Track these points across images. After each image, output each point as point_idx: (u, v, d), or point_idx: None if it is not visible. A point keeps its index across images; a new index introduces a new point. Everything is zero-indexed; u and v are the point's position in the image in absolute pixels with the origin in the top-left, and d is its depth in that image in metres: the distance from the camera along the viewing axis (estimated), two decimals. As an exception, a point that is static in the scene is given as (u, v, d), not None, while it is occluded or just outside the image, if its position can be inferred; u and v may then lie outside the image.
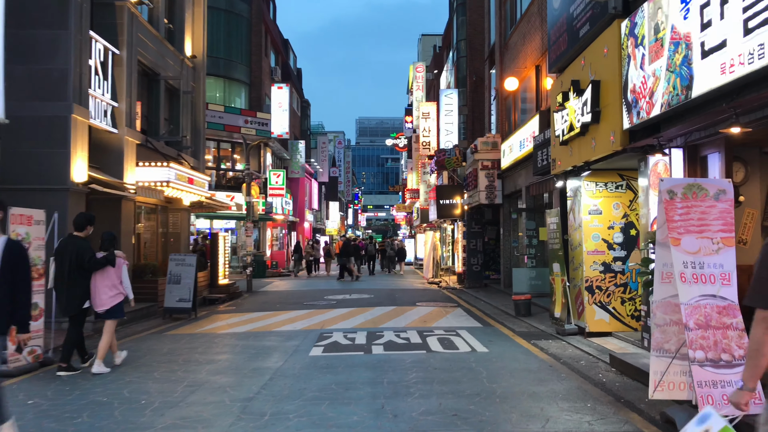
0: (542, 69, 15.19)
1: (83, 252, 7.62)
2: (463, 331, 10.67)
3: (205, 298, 16.85)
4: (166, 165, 14.41)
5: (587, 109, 8.60)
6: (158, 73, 16.10)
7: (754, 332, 2.61)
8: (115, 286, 7.84)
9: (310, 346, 9.39)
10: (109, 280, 7.80)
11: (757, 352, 2.60)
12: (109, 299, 7.77)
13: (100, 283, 7.76)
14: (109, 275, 7.80)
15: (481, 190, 18.97)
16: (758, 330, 2.60)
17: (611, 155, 8.34)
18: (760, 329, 2.58)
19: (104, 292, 7.75)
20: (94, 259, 7.68)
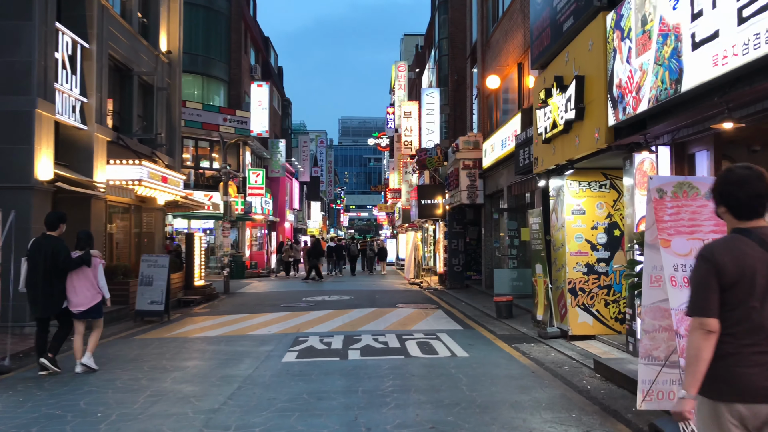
0: (524, 67, 14.94)
1: (58, 251, 7.45)
2: (444, 335, 10.35)
3: (180, 299, 16.40)
4: (138, 163, 13.94)
5: (571, 106, 8.31)
6: (131, 69, 15.62)
7: (692, 339, 2.67)
8: (93, 286, 7.69)
9: (283, 351, 9.01)
10: (87, 279, 7.65)
11: (695, 358, 2.64)
12: (89, 299, 7.64)
13: (78, 283, 7.60)
14: (86, 275, 7.65)
15: (462, 189, 18.69)
16: (695, 336, 2.65)
17: (596, 153, 8.06)
18: (698, 336, 2.64)
19: (83, 292, 7.61)
20: (69, 259, 7.51)
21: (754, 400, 2.56)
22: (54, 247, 7.49)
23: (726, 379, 2.59)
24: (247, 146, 30.56)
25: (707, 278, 2.65)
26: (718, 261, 2.63)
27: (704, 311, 2.64)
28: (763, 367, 2.57)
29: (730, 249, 2.65)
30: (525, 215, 15.69)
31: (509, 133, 14.70)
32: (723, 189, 2.77)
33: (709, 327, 2.61)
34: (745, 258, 2.62)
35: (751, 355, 2.59)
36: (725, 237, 2.79)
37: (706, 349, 2.61)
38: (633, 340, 7.67)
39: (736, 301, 2.62)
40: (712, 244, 2.77)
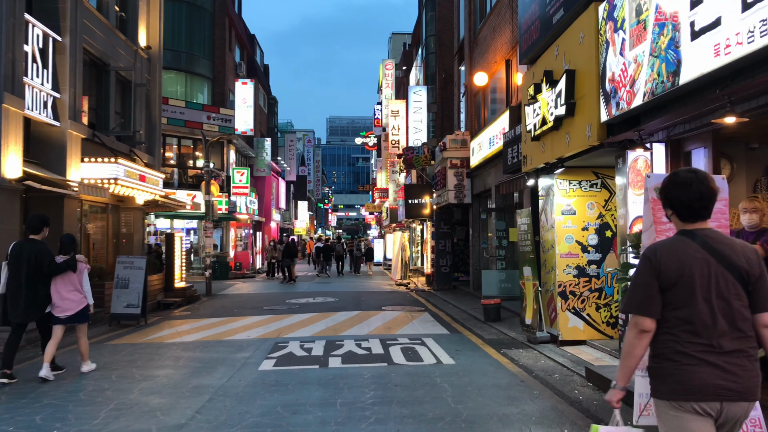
0: (513, 63, 14.60)
1: (42, 256, 7.32)
2: (429, 340, 9.97)
3: (160, 302, 15.95)
4: (113, 161, 13.46)
5: (561, 101, 7.96)
6: (108, 64, 15.12)
7: (628, 336, 2.76)
8: (78, 291, 7.60)
9: (261, 358, 8.60)
10: (72, 284, 7.55)
11: (629, 354, 2.75)
12: (75, 304, 7.54)
13: (63, 288, 7.49)
14: (71, 280, 7.55)
15: (449, 189, 18.33)
16: (631, 334, 2.74)
17: (587, 151, 7.71)
18: (632, 333, 2.73)
19: (69, 297, 7.51)
20: (55, 264, 7.40)
21: (707, 398, 2.61)
22: (38, 252, 7.32)
23: (679, 379, 2.64)
24: (232, 145, 30.04)
25: (648, 278, 2.73)
26: (659, 261, 2.71)
27: (640, 310, 2.72)
28: (712, 366, 2.62)
29: (672, 250, 2.72)
30: (513, 215, 15.35)
31: (497, 131, 14.35)
32: (669, 192, 2.84)
33: (644, 326, 2.69)
34: (686, 259, 2.69)
35: (700, 353, 2.63)
36: (670, 238, 2.86)
37: (638, 346, 2.71)
38: (626, 346, 7.32)
39: (679, 302, 2.68)
40: (655, 245, 2.82)
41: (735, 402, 2.62)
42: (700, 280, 2.67)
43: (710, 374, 2.60)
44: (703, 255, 2.69)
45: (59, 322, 7.52)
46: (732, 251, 2.73)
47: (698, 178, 2.79)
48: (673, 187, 2.83)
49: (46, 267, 7.32)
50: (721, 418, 2.64)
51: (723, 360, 2.62)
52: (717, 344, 2.63)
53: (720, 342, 2.63)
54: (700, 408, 2.63)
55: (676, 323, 2.68)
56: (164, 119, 26.09)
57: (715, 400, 2.60)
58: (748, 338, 2.67)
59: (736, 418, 2.67)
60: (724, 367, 2.61)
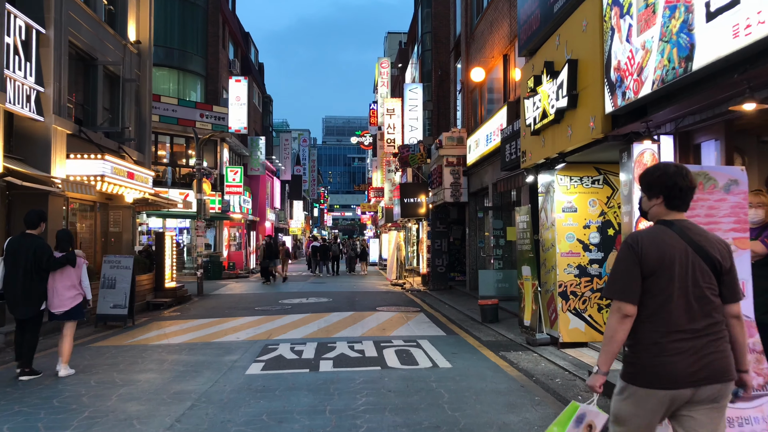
0: (510, 58, 14.27)
1: (41, 251, 7.32)
2: (425, 342, 9.61)
3: (149, 302, 15.57)
4: (100, 157, 13.06)
5: (563, 93, 7.60)
6: (95, 58, 14.72)
7: (610, 321, 2.82)
8: (74, 287, 7.54)
9: (249, 361, 8.23)
10: (69, 280, 7.50)
11: (611, 339, 2.81)
12: (69, 300, 7.47)
13: (59, 284, 7.45)
14: (69, 275, 7.50)
15: (446, 187, 17.98)
16: (614, 319, 2.80)
17: (590, 144, 7.36)
18: (615, 318, 2.79)
19: (63, 293, 7.44)
20: (54, 259, 7.38)
21: (677, 386, 2.71)
22: (36, 247, 7.32)
23: (652, 367, 2.72)
24: (225, 143, 29.63)
25: (630, 265, 2.80)
26: (641, 249, 2.78)
27: (623, 295, 2.79)
28: (685, 354, 2.71)
29: (653, 239, 2.81)
30: (511, 214, 15.02)
31: (494, 127, 14.01)
32: (667, 181, 2.89)
33: (626, 311, 2.76)
34: (667, 248, 2.78)
35: (673, 342, 2.72)
36: (651, 228, 2.93)
37: (621, 331, 2.77)
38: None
39: (657, 289, 2.76)
40: (637, 233, 2.88)
41: (705, 386, 2.73)
42: (679, 269, 2.76)
43: (684, 363, 2.70)
44: (682, 245, 2.80)
45: (55, 318, 7.50)
46: (707, 242, 2.85)
47: (684, 171, 2.92)
48: (668, 177, 2.90)
49: (45, 262, 7.26)
50: (695, 398, 2.75)
51: (696, 346, 2.73)
52: (691, 330, 2.73)
53: (693, 328, 2.74)
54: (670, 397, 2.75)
55: (654, 310, 2.77)
56: (156, 117, 25.74)
57: (689, 387, 2.71)
58: (718, 323, 2.80)
59: (711, 397, 2.76)
60: (696, 354, 2.72)
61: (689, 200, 2.93)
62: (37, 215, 7.60)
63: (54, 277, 7.44)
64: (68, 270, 7.51)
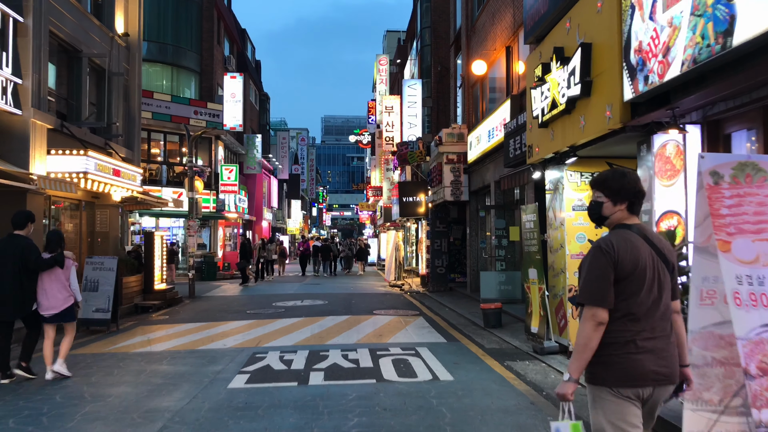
0: (513, 50, 13.63)
1: (29, 251, 7.17)
2: (424, 349, 8.97)
3: (137, 305, 14.94)
4: (83, 153, 12.39)
5: (575, 80, 6.96)
6: (80, 50, 14.06)
7: (583, 327, 2.83)
8: (66, 288, 7.40)
9: (233, 372, 7.58)
10: (59, 282, 7.36)
11: (586, 346, 2.79)
12: (61, 302, 7.33)
13: (49, 285, 7.30)
14: (58, 277, 7.35)
15: (446, 185, 17.34)
16: (588, 326, 2.80)
17: (605, 136, 6.72)
18: (590, 325, 2.80)
19: (55, 294, 7.30)
20: (41, 259, 7.23)
21: (645, 384, 2.77)
22: (24, 247, 7.18)
23: (624, 367, 2.76)
24: (220, 141, 28.97)
25: (606, 270, 2.80)
26: (618, 254, 2.80)
27: (599, 302, 2.78)
28: (652, 353, 2.78)
29: (627, 244, 2.82)
30: (514, 213, 14.38)
31: (497, 122, 13.37)
32: (634, 187, 2.95)
33: (601, 318, 2.77)
34: (639, 253, 2.83)
35: (642, 341, 2.77)
36: (619, 232, 2.93)
37: (595, 338, 2.76)
38: (651, 361, 6.34)
39: (629, 292, 2.79)
40: (609, 238, 2.89)
41: (664, 386, 2.83)
42: (649, 273, 2.82)
43: (649, 361, 2.77)
44: (648, 249, 2.86)
45: (45, 320, 7.36)
46: (663, 245, 2.93)
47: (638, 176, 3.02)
48: (631, 182, 2.96)
49: (33, 263, 7.13)
50: (650, 400, 2.83)
51: (658, 346, 2.80)
52: (654, 331, 2.80)
53: (656, 329, 2.81)
54: (635, 394, 2.80)
55: (624, 312, 2.80)
56: (149, 114, 25.12)
57: (651, 386, 2.78)
58: (672, 323, 2.90)
59: (660, 400, 2.88)
60: (658, 353, 2.79)
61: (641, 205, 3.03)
62: (25, 216, 7.46)
63: (43, 278, 7.27)
64: (57, 271, 7.34)
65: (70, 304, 7.47)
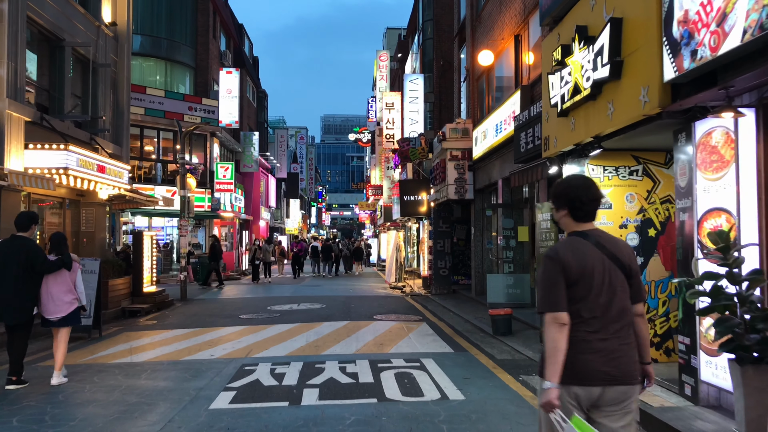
0: (523, 39, 12.83)
1: (35, 254, 6.99)
2: (430, 361, 8.17)
3: (125, 309, 14.16)
4: (63, 148, 11.60)
5: (602, 61, 6.17)
6: (62, 38, 13.26)
7: (548, 332, 2.87)
8: (71, 291, 7.23)
9: (218, 388, 6.79)
10: (65, 285, 7.19)
11: (555, 350, 2.81)
12: (67, 305, 7.16)
13: (54, 289, 7.11)
14: (64, 280, 7.18)
15: (449, 183, 16.54)
16: (553, 330, 2.85)
17: (638, 124, 5.93)
18: (554, 329, 2.84)
19: (60, 297, 7.12)
20: (49, 262, 7.06)
21: (591, 383, 2.83)
22: (29, 249, 6.98)
23: (568, 365, 2.80)
24: (216, 138, 28.15)
25: (555, 276, 2.89)
26: (564, 260, 2.89)
27: (557, 306, 2.86)
28: (600, 353, 2.85)
29: (572, 250, 2.92)
30: (523, 212, 13.58)
31: (505, 115, 12.57)
32: (570, 194, 2.99)
33: (563, 320, 2.84)
34: (586, 258, 2.91)
35: (592, 342, 2.85)
36: (568, 239, 3.02)
37: (562, 340, 2.83)
38: (693, 381, 5.55)
39: (578, 296, 2.89)
40: (556, 246, 3.00)
41: (614, 386, 2.85)
42: (598, 277, 2.89)
43: (597, 361, 2.83)
44: (599, 254, 2.93)
45: (50, 324, 7.18)
46: (618, 249, 2.99)
47: (591, 182, 3.03)
48: (573, 189, 3.00)
49: (40, 265, 6.95)
50: (600, 400, 2.86)
51: (609, 347, 2.85)
52: (605, 333, 2.86)
53: (608, 331, 2.87)
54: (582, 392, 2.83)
55: (575, 315, 2.86)
56: (142, 109, 24.32)
57: (599, 385, 2.83)
58: (629, 326, 2.94)
59: (615, 401, 2.86)
60: (609, 355, 2.84)
61: (594, 212, 3.02)
62: (28, 217, 7.27)
63: (48, 281, 7.11)
64: (63, 274, 7.18)
65: (76, 307, 7.29)
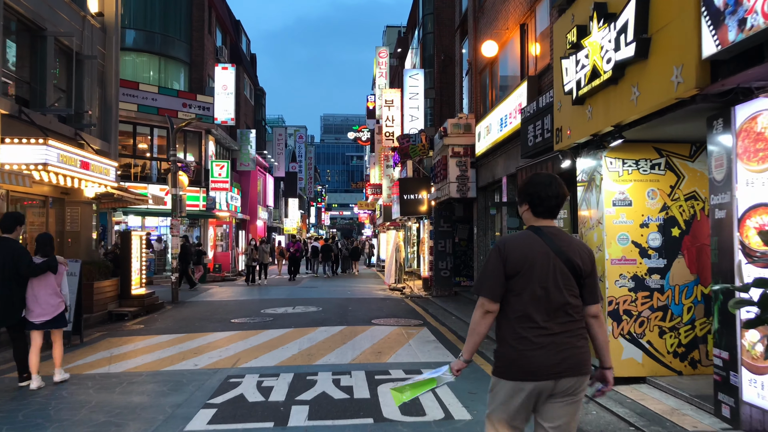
0: (529, 28, 12.16)
1: (20, 256, 6.87)
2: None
3: (111, 312, 13.50)
4: (42, 142, 10.91)
5: (627, 39, 5.49)
6: (44, 28, 12.58)
7: (474, 315, 3.01)
8: (57, 294, 7.14)
9: (198, 405, 6.12)
10: (51, 287, 7.08)
11: (474, 331, 3.02)
12: (53, 308, 7.07)
13: (40, 291, 7.01)
14: (50, 282, 7.08)
15: (451, 181, 15.87)
16: (478, 313, 2.99)
17: (667, 110, 5.25)
18: (479, 313, 2.99)
19: (47, 300, 7.02)
20: (34, 264, 6.94)
21: (540, 378, 2.89)
22: (14, 251, 6.86)
23: (517, 361, 2.91)
24: (211, 136, 27.46)
25: (496, 266, 2.99)
26: (506, 252, 2.98)
27: (488, 293, 2.98)
28: (545, 349, 2.89)
29: (519, 243, 2.99)
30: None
31: (511, 108, 11.90)
32: (530, 189, 3.08)
33: (489, 307, 2.97)
34: (529, 251, 2.96)
35: (535, 337, 2.91)
36: (520, 232, 3.10)
37: (483, 325, 2.99)
38: (732, 401, 4.88)
39: (519, 288, 2.95)
40: (505, 238, 3.06)
41: (565, 378, 2.90)
42: (539, 271, 2.94)
43: (544, 356, 2.88)
44: (545, 249, 2.97)
45: (35, 327, 7.05)
46: (569, 248, 3.01)
47: (557, 180, 3.07)
48: (534, 186, 3.06)
49: (25, 268, 6.82)
50: (555, 390, 2.91)
51: (554, 341, 2.91)
52: (549, 327, 2.91)
53: (551, 325, 2.92)
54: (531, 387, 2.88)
55: (518, 308, 2.95)
56: (134, 106, 23.66)
57: (550, 379, 2.89)
58: (576, 321, 2.97)
59: (569, 390, 2.92)
60: (554, 348, 2.90)
61: (554, 209, 3.06)
62: (13, 218, 7.12)
63: (33, 284, 6.98)
64: (49, 276, 7.07)
65: (62, 310, 7.20)
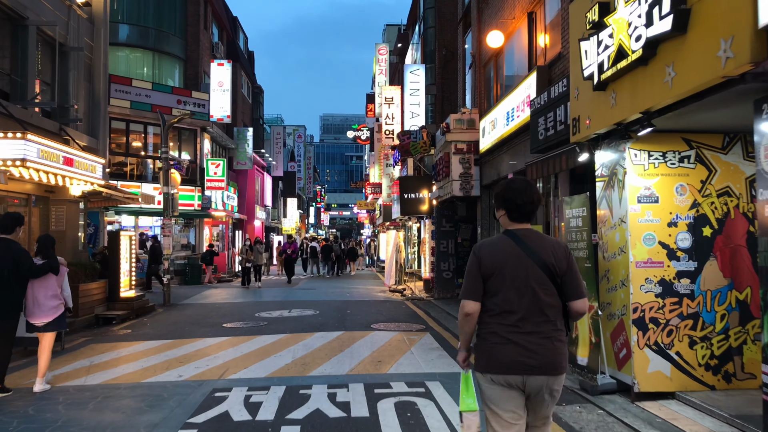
0: (537, 17, 11.51)
1: (21, 257, 6.76)
2: (437, 386, 6.83)
3: (98, 316, 12.85)
4: (21, 137, 10.24)
5: (662, 11, 4.83)
6: (25, 17, 11.92)
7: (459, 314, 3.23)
8: (56, 296, 7.03)
9: (176, 425, 5.45)
10: (51, 289, 6.99)
11: (461, 330, 3.25)
12: (53, 310, 6.97)
13: (39, 293, 6.92)
14: (50, 283, 6.98)
15: (454, 179, 15.21)
16: (461, 314, 3.20)
17: (707, 92, 4.59)
18: (461, 314, 3.20)
19: (46, 302, 6.92)
20: (36, 266, 6.85)
21: (511, 372, 3.06)
22: (15, 252, 6.74)
23: (491, 355, 3.09)
24: (206, 133, 26.78)
25: (473, 269, 3.20)
26: (480, 256, 3.19)
27: (468, 295, 3.19)
28: (516, 345, 3.06)
29: (492, 246, 3.20)
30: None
31: (519, 101, 11.24)
32: (505, 195, 3.25)
33: (467, 309, 3.17)
34: (502, 255, 3.15)
35: (507, 333, 3.08)
36: (494, 237, 3.29)
37: (466, 324, 3.21)
38: (788, 426, 4.22)
39: (494, 289, 3.14)
40: (481, 243, 3.27)
41: (534, 375, 3.04)
42: (511, 272, 3.11)
43: (513, 352, 3.05)
44: (517, 251, 3.13)
45: (35, 330, 6.97)
46: (541, 248, 3.15)
47: (530, 186, 3.25)
48: (510, 191, 3.23)
49: (27, 269, 6.73)
50: (526, 389, 3.08)
51: (525, 340, 3.05)
52: (521, 326, 3.07)
53: (524, 324, 3.07)
54: (506, 381, 3.07)
55: (491, 307, 3.14)
56: (127, 102, 23.03)
57: (518, 374, 3.04)
58: (551, 322, 3.10)
59: (538, 389, 3.07)
60: (525, 346, 3.05)
61: (530, 213, 3.22)
62: (13, 218, 6.97)
63: (33, 285, 6.90)
64: (50, 278, 6.97)
65: (61, 312, 7.09)
